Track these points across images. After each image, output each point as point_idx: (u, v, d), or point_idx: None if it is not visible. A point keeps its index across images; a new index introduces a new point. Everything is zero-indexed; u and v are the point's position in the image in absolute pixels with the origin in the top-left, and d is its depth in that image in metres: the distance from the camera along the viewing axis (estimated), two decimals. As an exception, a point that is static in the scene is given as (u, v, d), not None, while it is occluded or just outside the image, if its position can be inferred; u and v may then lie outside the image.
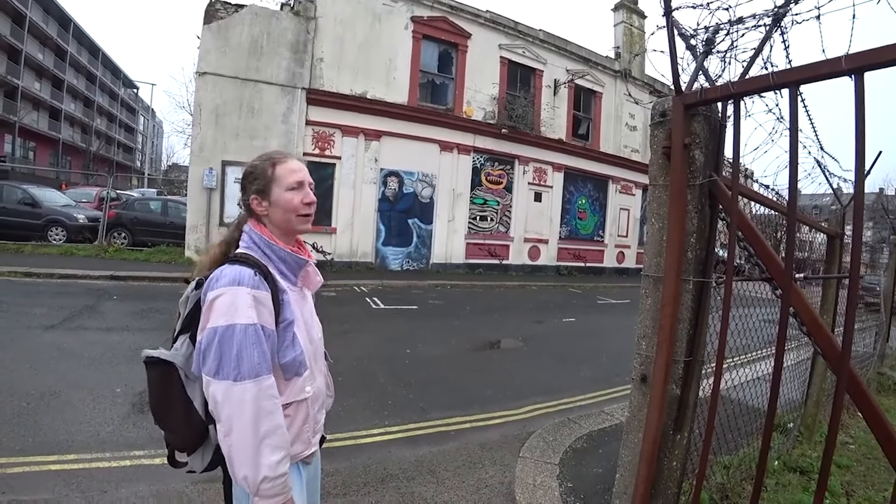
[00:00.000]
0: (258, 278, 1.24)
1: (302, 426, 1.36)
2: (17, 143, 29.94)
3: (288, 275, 1.37)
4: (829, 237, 3.75)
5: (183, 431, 1.29)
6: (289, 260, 1.36)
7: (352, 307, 8.80)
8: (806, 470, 3.25)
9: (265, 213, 1.35)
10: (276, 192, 1.33)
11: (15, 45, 29.16)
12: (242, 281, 1.21)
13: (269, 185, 1.34)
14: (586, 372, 5.94)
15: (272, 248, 1.34)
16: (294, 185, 1.34)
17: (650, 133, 2.05)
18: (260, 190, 1.35)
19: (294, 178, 1.34)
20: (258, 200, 1.35)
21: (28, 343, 5.05)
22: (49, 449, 3.11)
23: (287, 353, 1.30)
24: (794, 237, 1.53)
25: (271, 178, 1.34)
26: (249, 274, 1.23)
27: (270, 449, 1.18)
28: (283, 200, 1.33)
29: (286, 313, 1.31)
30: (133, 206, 13.90)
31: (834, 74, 1.39)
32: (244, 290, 1.20)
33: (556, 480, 3.24)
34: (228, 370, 1.16)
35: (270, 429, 1.19)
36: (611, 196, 18.92)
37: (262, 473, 1.16)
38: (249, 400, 1.16)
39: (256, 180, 1.35)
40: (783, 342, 1.58)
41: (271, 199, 1.34)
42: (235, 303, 1.19)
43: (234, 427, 1.16)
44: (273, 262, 1.33)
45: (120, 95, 48.80)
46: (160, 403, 1.28)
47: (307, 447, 1.40)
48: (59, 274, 8.82)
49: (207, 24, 11.64)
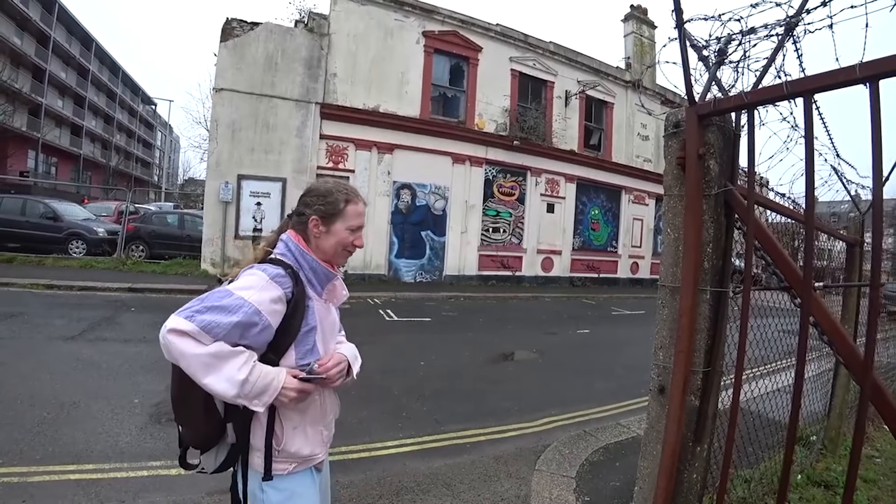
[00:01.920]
0: (285, 277, 1.31)
1: (315, 426, 1.42)
2: (39, 159, 30.82)
3: (315, 285, 1.42)
4: (849, 245, 3.69)
5: (199, 427, 1.33)
6: (319, 271, 1.41)
7: (365, 319, 8.82)
8: (831, 484, 3.17)
9: (318, 235, 1.42)
10: (338, 226, 1.42)
11: (39, 65, 30.20)
12: (267, 271, 1.31)
13: (335, 217, 1.42)
14: (602, 384, 5.87)
15: (305, 257, 1.40)
16: (355, 227, 1.45)
17: (664, 144, 2.05)
18: (325, 215, 1.42)
19: (358, 221, 1.46)
20: (317, 222, 1.42)
21: (48, 354, 5.15)
22: (68, 458, 3.16)
23: (308, 357, 1.36)
24: (812, 245, 1.52)
25: (340, 212, 1.42)
26: (278, 270, 1.31)
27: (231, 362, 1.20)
28: (341, 236, 1.43)
29: (310, 318, 1.37)
30: (151, 219, 14.17)
31: (848, 83, 1.39)
32: (265, 277, 1.29)
33: (572, 494, 3.20)
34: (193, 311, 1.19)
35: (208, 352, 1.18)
36: (624, 206, 18.81)
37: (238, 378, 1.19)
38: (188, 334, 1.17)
39: (325, 205, 1.42)
40: (804, 352, 1.56)
41: (331, 228, 1.42)
42: (251, 283, 1.28)
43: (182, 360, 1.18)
44: (303, 271, 1.39)
45: (139, 112, 50.11)
46: (180, 396, 1.31)
47: (319, 451, 1.45)
48: (79, 286, 9.01)
49: (224, 42, 11.93)
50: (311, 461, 1.42)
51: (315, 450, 1.43)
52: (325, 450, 1.51)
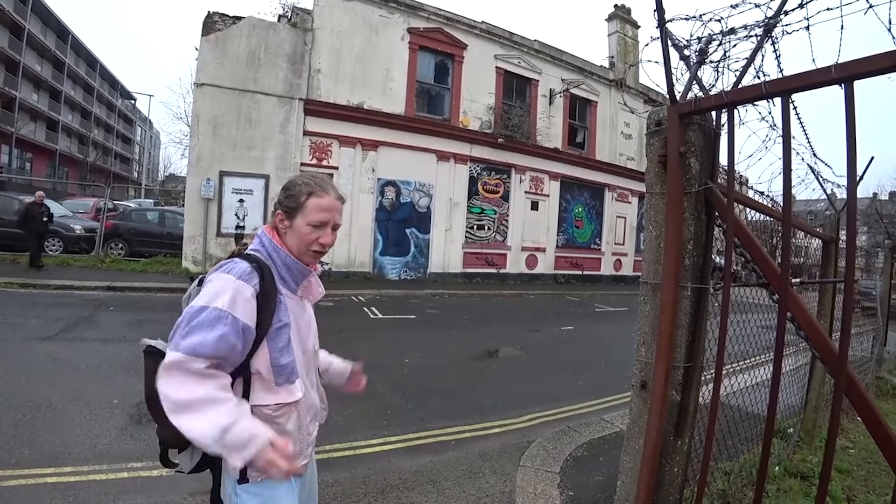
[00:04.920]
0: (250, 272, 1.28)
1: (294, 433, 1.37)
2: (13, 154, 29.96)
3: (289, 281, 1.39)
4: (825, 242, 3.78)
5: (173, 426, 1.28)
6: (293, 267, 1.38)
7: (350, 317, 8.78)
8: (807, 475, 3.25)
9: (284, 231, 1.39)
10: (299, 221, 1.36)
11: (13, 57, 29.27)
12: (233, 271, 1.27)
13: (295, 211, 1.37)
14: (585, 380, 5.93)
15: (278, 252, 1.37)
16: (317, 223, 1.36)
17: (646, 142, 2.08)
18: (287, 210, 1.38)
19: (319, 217, 1.36)
20: (282, 217, 1.38)
21: (24, 354, 5.02)
22: (45, 461, 3.08)
23: (283, 356, 1.33)
24: (789, 242, 1.55)
25: (300, 206, 1.36)
26: (243, 267, 1.28)
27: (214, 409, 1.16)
28: (302, 232, 1.36)
29: (281, 315, 1.33)
30: (130, 216, 13.87)
31: (824, 83, 1.42)
32: (230, 279, 1.25)
33: (556, 489, 3.23)
34: (178, 339, 1.19)
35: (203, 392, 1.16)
36: (607, 204, 19.00)
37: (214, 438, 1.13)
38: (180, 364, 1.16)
39: (288, 198, 1.38)
40: (781, 347, 1.59)
41: (293, 224, 1.37)
42: (218, 290, 1.24)
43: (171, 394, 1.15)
44: (276, 266, 1.36)
45: (117, 106, 48.92)
46: (154, 394, 1.25)
47: (298, 458, 1.39)
48: (56, 285, 8.78)
49: (206, 36, 11.71)
50: None
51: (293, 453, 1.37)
52: (308, 452, 1.47)
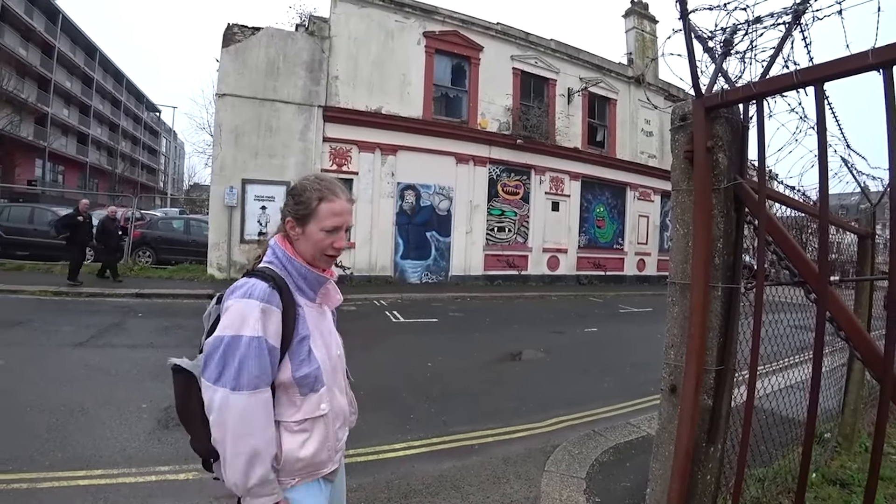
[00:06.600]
0: (270, 292, 1.25)
1: (321, 443, 1.34)
2: (46, 168, 31.10)
3: (306, 291, 1.37)
4: (860, 237, 3.62)
5: (204, 439, 1.28)
6: (309, 277, 1.36)
7: (372, 321, 8.81)
8: (846, 483, 3.11)
9: (296, 238, 1.36)
10: (311, 227, 1.33)
11: (44, 75, 30.47)
12: (254, 293, 1.23)
13: (308, 218, 1.33)
14: (610, 383, 5.82)
15: (293, 263, 1.34)
16: (330, 228, 1.33)
17: (671, 138, 2.01)
18: (298, 217, 1.34)
19: (332, 222, 1.33)
20: (293, 224, 1.35)
21: (57, 360, 5.18)
22: (77, 464, 3.16)
23: (303, 367, 1.30)
24: (827, 238, 1.48)
25: (312, 213, 1.33)
26: (262, 287, 1.25)
27: (261, 460, 1.20)
28: (316, 238, 1.33)
29: (301, 328, 1.31)
30: (157, 225, 14.25)
31: (861, 69, 1.35)
32: (254, 303, 1.22)
33: (583, 495, 3.16)
34: (228, 378, 1.18)
35: (263, 441, 1.21)
36: (629, 203, 18.70)
37: (251, 482, 1.19)
38: (244, 409, 1.19)
39: (298, 205, 1.34)
40: (821, 348, 1.51)
41: (305, 230, 1.34)
42: (244, 314, 1.21)
43: (228, 435, 1.18)
44: (292, 278, 1.34)
45: (143, 119, 50.47)
46: (184, 410, 1.31)
47: (327, 464, 1.38)
48: (87, 292, 9.07)
49: (226, 48, 11.97)
50: (317, 473, 1.35)
51: (322, 465, 1.36)
52: (337, 458, 1.43)
